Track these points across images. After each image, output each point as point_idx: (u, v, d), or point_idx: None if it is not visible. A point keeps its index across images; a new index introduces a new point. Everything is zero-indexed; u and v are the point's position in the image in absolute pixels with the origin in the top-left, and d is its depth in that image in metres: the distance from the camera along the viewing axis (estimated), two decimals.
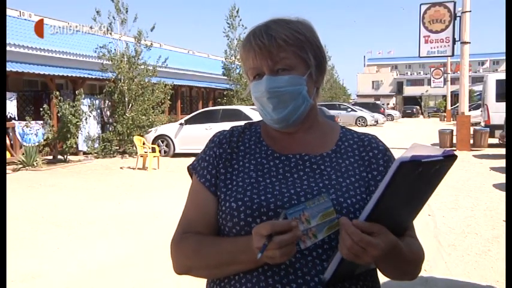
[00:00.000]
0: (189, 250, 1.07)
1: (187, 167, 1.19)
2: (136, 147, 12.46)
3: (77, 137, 13.29)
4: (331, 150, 1.12)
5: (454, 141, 15.44)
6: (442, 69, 45.87)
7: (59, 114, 12.91)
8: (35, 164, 11.59)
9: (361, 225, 0.89)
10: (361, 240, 0.87)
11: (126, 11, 15.06)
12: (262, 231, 0.89)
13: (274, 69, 1.05)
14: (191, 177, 1.18)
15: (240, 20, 22.30)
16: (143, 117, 14.82)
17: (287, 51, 1.05)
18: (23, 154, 11.82)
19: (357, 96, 69.03)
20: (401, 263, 0.98)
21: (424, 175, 0.88)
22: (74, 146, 13.12)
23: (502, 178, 8.43)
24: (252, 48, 1.06)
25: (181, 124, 14.44)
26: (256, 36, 1.06)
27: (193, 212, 1.11)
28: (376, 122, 32.47)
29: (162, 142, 14.32)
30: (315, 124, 1.16)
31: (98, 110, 15.19)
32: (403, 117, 49.85)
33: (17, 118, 12.87)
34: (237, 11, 22.12)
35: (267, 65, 1.05)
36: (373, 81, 72.21)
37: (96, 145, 14.45)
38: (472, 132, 15.52)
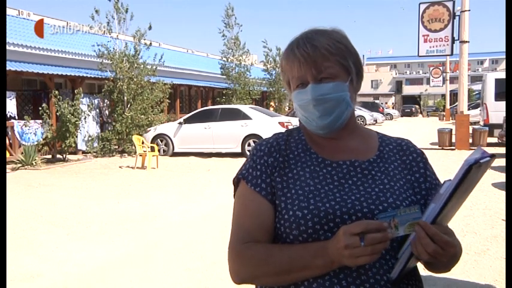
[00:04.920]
0: (256, 258, 1.06)
1: (234, 178, 1.18)
2: (135, 147, 12.45)
3: (76, 136, 13.27)
4: (376, 156, 1.17)
5: (453, 140, 15.43)
6: (441, 68, 45.92)
7: (57, 114, 12.88)
8: (34, 163, 11.57)
9: (435, 226, 0.93)
10: (441, 240, 0.92)
11: (126, 11, 15.02)
12: (354, 230, 0.91)
13: (318, 78, 1.10)
14: (235, 187, 1.18)
15: (236, 18, 22.39)
16: (142, 116, 14.80)
17: (330, 60, 1.09)
18: (22, 153, 11.81)
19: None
20: (453, 258, 1.02)
21: (476, 176, 0.91)
22: (73, 145, 13.10)
23: (500, 177, 8.44)
24: (297, 58, 1.10)
25: (180, 123, 14.43)
26: (300, 47, 1.10)
27: (250, 220, 1.11)
28: (375, 121, 32.44)
29: (161, 141, 14.30)
30: (355, 129, 1.20)
31: (97, 109, 15.17)
32: (402, 116, 49.86)
33: (16, 117, 12.87)
34: (232, 10, 22.20)
35: (311, 74, 1.09)
36: (372, 81, 72.12)
37: (95, 144, 14.43)
38: (471, 132, 15.53)
